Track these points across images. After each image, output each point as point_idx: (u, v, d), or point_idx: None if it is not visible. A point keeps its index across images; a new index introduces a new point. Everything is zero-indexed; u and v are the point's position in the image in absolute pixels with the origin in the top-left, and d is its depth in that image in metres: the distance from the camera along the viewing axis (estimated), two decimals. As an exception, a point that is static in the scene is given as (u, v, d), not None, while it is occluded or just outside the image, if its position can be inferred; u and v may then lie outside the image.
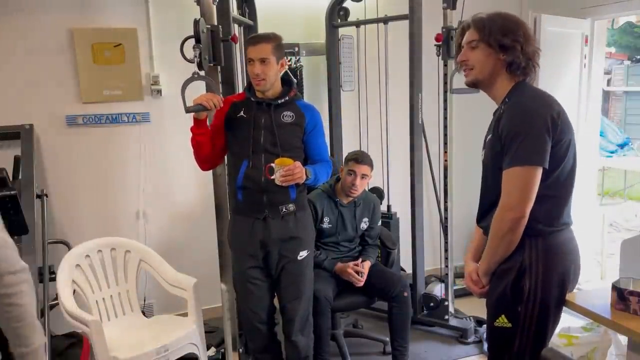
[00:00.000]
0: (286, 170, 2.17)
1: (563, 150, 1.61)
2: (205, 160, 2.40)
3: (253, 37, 2.38)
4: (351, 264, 2.81)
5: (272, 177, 2.20)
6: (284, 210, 2.32)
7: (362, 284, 2.77)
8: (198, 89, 2.45)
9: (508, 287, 1.66)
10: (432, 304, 3.34)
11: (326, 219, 2.83)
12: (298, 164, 2.20)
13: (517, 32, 1.63)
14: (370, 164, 2.82)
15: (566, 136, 1.61)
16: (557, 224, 1.66)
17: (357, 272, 2.78)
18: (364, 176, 2.78)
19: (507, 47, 1.63)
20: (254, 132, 2.28)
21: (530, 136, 1.56)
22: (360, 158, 2.79)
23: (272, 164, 2.20)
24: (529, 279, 1.64)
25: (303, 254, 2.40)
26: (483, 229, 1.80)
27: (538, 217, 1.62)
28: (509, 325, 1.68)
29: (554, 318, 1.69)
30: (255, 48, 2.24)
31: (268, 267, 2.40)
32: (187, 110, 2.23)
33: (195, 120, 2.26)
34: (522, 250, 1.65)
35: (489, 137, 1.72)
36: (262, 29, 3.13)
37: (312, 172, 2.26)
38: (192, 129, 2.30)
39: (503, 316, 1.69)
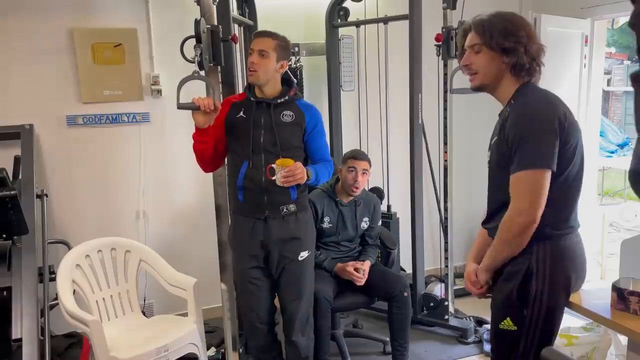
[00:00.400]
0: (287, 171, 2.16)
1: (570, 152, 1.59)
2: (207, 163, 2.40)
3: (259, 31, 2.41)
4: (351, 263, 2.82)
5: (273, 178, 2.18)
6: (284, 210, 2.32)
7: (363, 282, 2.77)
8: (197, 89, 2.45)
9: (514, 290, 1.65)
10: (432, 304, 3.34)
11: (326, 219, 2.84)
12: (299, 164, 2.19)
13: (518, 32, 1.61)
14: (368, 159, 2.86)
15: (573, 138, 1.59)
16: (565, 227, 1.64)
17: (357, 270, 2.78)
18: (364, 172, 2.80)
19: (509, 49, 1.60)
20: (254, 132, 2.28)
21: (537, 139, 1.54)
22: (358, 155, 2.84)
23: (273, 165, 2.19)
24: (535, 282, 1.62)
25: (304, 254, 2.39)
26: (488, 230, 1.79)
27: (546, 221, 1.60)
28: (515, 328, 1.67)
29: (559, 320, 1.69)
30: (258, 40, 2.27)
31: (269, 267, 2.39)
32: (179, 106, 2.23)
33: (197, 128, 2.25)
34: (529, 254, 1.63)
35: (495, 139, 1.70)
36: (262, 29, 3.12)
37: (313, 172, 2.26)
38: (194, 136, 2.29)
39: (508, 319, 1.68)
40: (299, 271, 2.40)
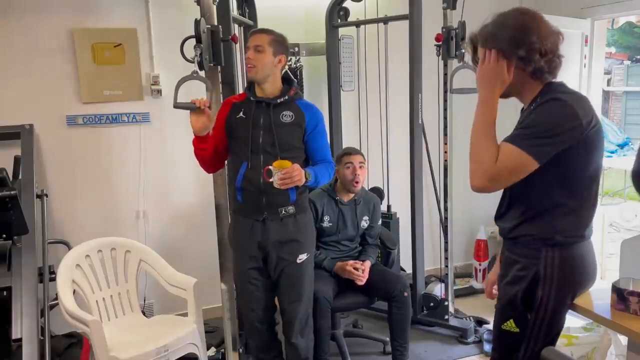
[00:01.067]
0: (284, 173, 2.12)
1: (589, 156, 1.55)
2: (208, 164, 2.41)
3: (254, 29, 2.44)
4: (350, 262, 2.82)
5: (270, 180, 2.15)
6: (283, 212, 2.31)
7: (364, 281, 2.77)
8: (198, 90, 2.45)
9: (520, 293, 1.64)
10: (432, 304, 3.34)
11: (326, 218, 2.84)
12: (296, 166, 2.15)
13: (530, 38, 1.53)
14: (361, 153, 2.90)
15: (600, 143, 1.55)
16: (575, 236, 1.62)
17: (357, 269, 2.78)
18: (361, 165, 2.83)
19: (523, 58, 1.55)
20: (253, 133, 2.27)
21: (551, 138, 1.49)
22: (351, 150, 2.90)
23: (270, 167, 2.15)
24: (542, 288, 1.61)
25: (302, 257, 2.38)
26: (500, 228, 1.77)
27: (557, 228, 1.59)
28: (517, 330, 1.67)
29: (562, 325, 1.68)
30: (253, 37, 2.28)
31: (267, 268, 2.39)
32: (176, 105, 2.24)
33: (196, 135, 2.26)
34: (537, 259, 1.62)
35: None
36: (261, 28, 3.13)
37: (312, 174, 2.23)
38: (193, 142, 2.30)
39: (512, 320, 1.68)
40: (298, 274, 2.39)
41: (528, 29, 1.55)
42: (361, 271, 2.77)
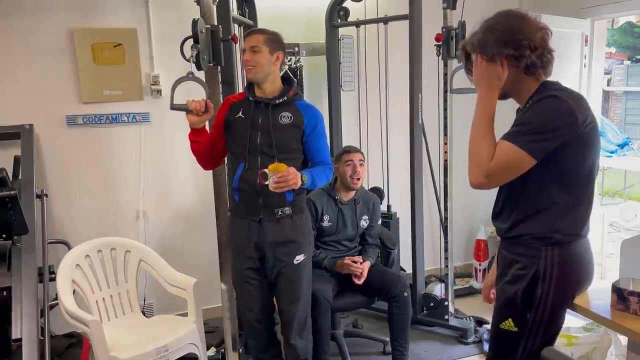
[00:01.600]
0: (279, 176, 2.10)
1: (586, 153, 1.57)
2: (205, 161, 2.41)
3: (249, 30, 2.44)
4: (348, 257, 2.83)
5: (266, 183, 2.14)
6: (279, 213, 2.30)
7: (363, 279, 2.77)
8: (198, 89, 2.45)
9: (519, 292, 1.65)
10: (432, 304, 3.34)
11: (326, 217, 2.84)
12: (292, 170, 2.13)
13: (516, 35, 1.57)
14: (361, 152, 2.92)
15: (596, 141, 1.57)
16: (574, 234, 1.63)
17: (355, 262, 2.78)
18: (361, 163, 2.85)
19: (515, 56, 1.58)
20: (251, 133, 2.26)
21: (546, 133, 1.50)
22: (350, 149, 2.92)
23: (266, 170, 2.14)
24: (541, 287, 1.62)
25: (299, 258, 2.37)
26: (497, 228, 1.77)
27: (556, 227, 1.60)
28: (515, 329, 1.67)
29: (561, 324, 1.69)
30: (248, 38, 2.28)
31: (265, 268, 2.39)
32: (172, 107, 2.25)
33: (192, 128, 2.26)
34: (537, 258, 1.62)
35: None
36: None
37: (308, 177, 2.21)
38: (189, 136, 2.29)
39: (510, 320, 1.68)
40: (296, 275, 2.38)
41: (514, 29, 1.59)
42: (359, 263, 2.78)
